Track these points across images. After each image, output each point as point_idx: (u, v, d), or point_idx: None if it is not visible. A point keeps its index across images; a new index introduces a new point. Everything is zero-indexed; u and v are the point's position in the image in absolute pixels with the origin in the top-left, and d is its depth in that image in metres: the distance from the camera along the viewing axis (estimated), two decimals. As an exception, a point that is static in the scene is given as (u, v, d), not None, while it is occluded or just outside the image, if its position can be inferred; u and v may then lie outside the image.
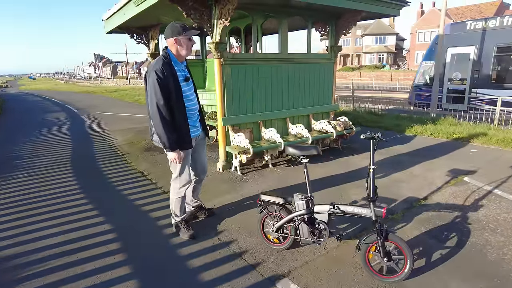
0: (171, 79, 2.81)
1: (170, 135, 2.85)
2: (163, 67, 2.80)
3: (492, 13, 33.50)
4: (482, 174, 4.96)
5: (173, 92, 2.84)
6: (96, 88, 38.97)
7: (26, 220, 3.73)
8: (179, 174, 3.17)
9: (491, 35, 10.68)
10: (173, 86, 2.83)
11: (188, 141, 3.02)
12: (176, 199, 3.28)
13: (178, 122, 2.91)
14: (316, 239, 2.81)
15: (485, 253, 2.94)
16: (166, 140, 2.85)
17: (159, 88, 2.76)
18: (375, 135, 2.56)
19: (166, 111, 2.81)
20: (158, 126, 2.83)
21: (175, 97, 2.85)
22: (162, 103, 2.79)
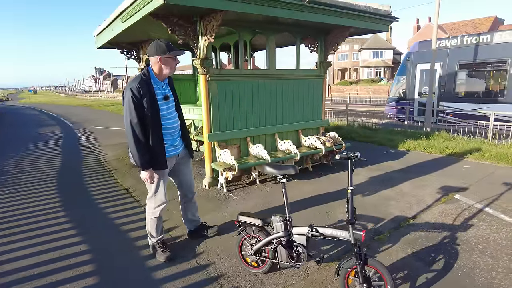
0: (147, 97, 2.74)
1: (142, 154, 2.78)
2: (140, 85, 2.73)
3: (486, 28, 33.96)
4: (474, 191, 4.86)
5: (149, 111, 2.76)
6: (94, 101, 39.11)
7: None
8: (153, 193, 3.08)
9: (454, 53, 11.55)
10: (149, 105, 2.75)
11: (162, 162, 2.93)
12: (151, 219, 3.17)
13: (153, 142, 2.83)
14: (294, 263, 2.68)
15: (472, 277, 2.81)
16: (138, 159, 2.80)
17: (133, 107, 2.70)
18: (352, 155, 2.47)
19: (139, 130, 2.75)
20: (131, 144, 2.78)
21: (151, 116, 2.78)
22: (136, 121, 2.72)
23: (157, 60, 2.80)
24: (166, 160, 2.97)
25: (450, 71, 11.67)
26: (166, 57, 2.80)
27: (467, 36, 11.34)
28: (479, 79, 11.61)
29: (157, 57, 2.79)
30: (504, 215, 4.00)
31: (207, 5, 3.87)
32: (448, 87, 11.75)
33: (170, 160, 3.08)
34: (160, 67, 2.83)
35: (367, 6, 5.39)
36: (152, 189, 3.06)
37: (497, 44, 10.50)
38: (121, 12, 4.82)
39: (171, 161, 3.09)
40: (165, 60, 2.81)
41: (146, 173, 2.87)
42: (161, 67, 2.84)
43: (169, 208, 4.45)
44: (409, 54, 13.14)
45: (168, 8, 3.96)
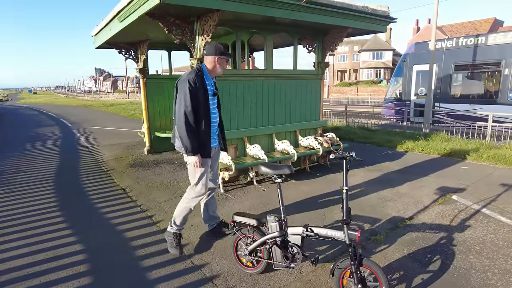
0: (201, 90, 2.98)
1: (192, 141, 2.96)
2: (196, 78, 2.97)
3: (486, 30, 33.98)
4: (471, 192, 4.84)
5: (202, 103, 2.99)
6: (94, 102, 39.08)
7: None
8: (196, 183, 3.18)
9: (449, 54, 11.60)
10: (202, 97, 2.99)
11: (208, 151, 3.12)
12: (184, 207, 3.27)
13: (202, 131, 3.04)
14: (289, 263, 2.67)
15: (468, 278, 2.79)
16: (189, 144, 2.95)
17: (189, 96, 2.91)
18: (347, 155, 2.46)
19: (192, 118, 2.94)
20: (182, 130, 2.93)
21: (203, 108, 3.01)
22: (190, 110, 2.92)
23: (214, 60, 3.05)
24: (211, 150, 3.16)
25: (446, 73, 11.71)
26: (222, 58, 3.07)
27: (463, 38, 11.39)
28: (474, 80, 11.65)
29: (215, 57, 3.04)
30: (501, 216, 3.98)
31: (203, 5, 3.86)
32: (444, 88, 11.80)
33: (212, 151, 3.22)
34: (215, 66, 3.08)
35: (364, 6, 5.38)
36: (197, 177, 3.16)
37: (491, 45, 10.54)
38: (118, 12, 4.81)
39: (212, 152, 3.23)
40: (221, 60, 3.08)
41: (195, 157, 3.01)
42: (215, 66, 3.09)
43: (165, 208, 4.47)
44: (405, 55, 13.17)
45: (165, 8, 3.94)
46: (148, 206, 4.55)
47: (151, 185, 5.43)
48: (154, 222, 4.04)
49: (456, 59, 11.45)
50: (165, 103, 7.86)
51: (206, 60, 3.10)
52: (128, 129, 12.43)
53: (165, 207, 4.49)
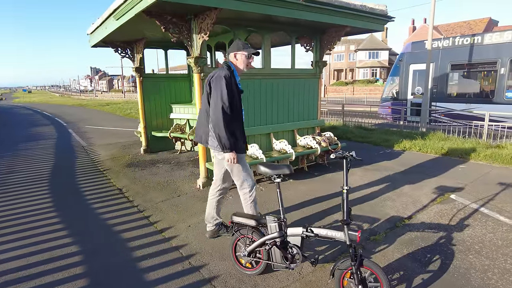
0: (234, 87, 3.00)
1: (229, 137, 2.96)
2: (230, 75, 2.98)
3: (481, 30, 34.17)
4: (469, 191, 4.85)
5: (236, 99, 3.01)
6: (90, 101, 38.84)
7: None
8: (243, 180, 3.20)
9: (446, 54, 11.65)
10: (236, 93, 3.01)
11: (242, 147, 3.15)
12: (251, 203, 3.26)
13: (236, 127, 3.06)
14: (288, 264, 2.64)
15: (468, 277, 2.78)
16: (226, 141, 2.94)
17: (226, 92, 2.89)
18: (347, 154, 2.43)
19: (229, 115, 2.94)
20: (220, 127, 2.92)
21: (236, 104, 3.02)
22: (227, 106, 2.92)
23: (233, 56, 3.08)
24: (244, 146, 3.20)
25: (442, 72, 11.75)
26: (239, 53, 3.06)
27: (459, 37, 11.45)
28: (470, 80, 11.70)
29: (232, 53, 3.08)
30: (500, 215, 3.98)
31: (201, 3, 3.81)
32: (440, 87, 11.85)
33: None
34: (236, 62, 3.10)
35: (363, 5, 5.36)
36: (241, 176, 3.18)
37: (487, 45, 10.59)
38: (114, 10, 4.75)
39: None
40: (239, 56, 3.07)
41: (232, 154, 3.01)
42: (236, 63, 3.10)
43: (162, 208, 4.42)
44: (402, 55, 13.21)
45: (161, 6, 3.89)
46: (145, 206, 4.50)
47: (148, 185, 5.38)
48: (151, 222, 3.99)
49: (452, 59, 11.50)
50: (161, 102, 7.80)
51: (230, 58, 3.13)
52: (124, 129, 12.35)
53: (162, 207, 4.44)
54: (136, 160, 7.10)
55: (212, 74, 3.05)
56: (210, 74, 3.08)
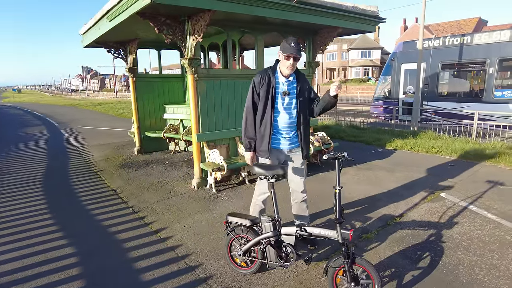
0: (264, 88, 2.92)
1: (245, 138, 3.05)
2: (261, 75, 2.96)
3: (471, 29, 34.62)
4: (458, 189, 4.96)
5: (263, 100, 2.94)
6: (81, 101, 38.46)
7: (-18, 245, 3.52)
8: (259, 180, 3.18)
9: (436, 53, 11.82)
10: (265, 94, 2.93)
11: (264, 150, 3.02)
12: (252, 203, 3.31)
13: (261, 128, 3.01)
14: (283, 263, 2.69)
15: (457, 273, 2.87)
16: (244, 139, 3.08)
17: (250, 94, 2.98)
18: (340, 155, 2.49)
19: (250, 116, 2.99)
20: (243, 125, 3.06)
21: (263, 105, 2.95)
22: (250, 105, 2.98)
23: (283, 57, 2.90)
24: (267, 150, 3.01)
25: (433, 71, 11.92)
26: (279, 52, 2.91)
27: (449, 37, 11.64)
28: (460, 79, 11.91)
29: (283, 54, 2.88)
30: (487, 213, 4.09)
31: (195, 5, 3.84)
32: (431, 86, 12.02)
33: (276, 152, 3.09)
34: (283, 63, 2.92)
35: (354, 6, 5.43)
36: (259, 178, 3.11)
37: (476, 45, 10.78)
38: (107, 11, 4.75)
39: (277, 153, 3.10)
40: (287, 57, 2.87)
41: (247, 154, 3.09)
42: (283, 63, 2.91)
43: (157, 209, 4.45)
44: (394, 54, 13.36)
45: (155, 7, 3.91)
46: (140, 207, 4.52)
47: (142, 186, 5.39)
48: (147, 223, 4.01)
49: (443, 58, 11.67)
50: (155, 102, 7.80)
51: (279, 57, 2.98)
52: (117, 129, 12.29)
53: (157, 208, 4.47)
54: (130, 161, 7.10)
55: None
56: None
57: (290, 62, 2.85)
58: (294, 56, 2.84)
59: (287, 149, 3.10)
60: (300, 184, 3.21)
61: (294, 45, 2.80)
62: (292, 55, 2.83)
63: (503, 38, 10.17)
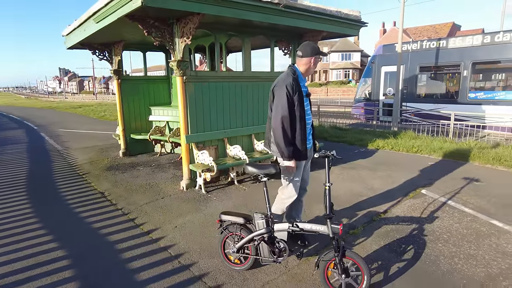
0: (297, 94, 2.97)
1: (289, 146, 2.96)
2: (293, 82, 2.96)
3: (445, 33, 35.98)
4: (438, 186, 5.20)
5: (299, 106, 2.98)
6: (60, 103, 37.41)
7: (-31, 250, 3.45)
8: (287, 185, 3.17)
9: (414, 56, 12.26)
10: (299, 101, 2.97)
11: (304, 153, 3.09)
12: (277, 208, 3.25)
13: (299, 134, 3.02)
14: (276, 258, 2.80)
15: (438, 263, 3.05)
16: (285, 150, 2.94)
17: (286, 102, 2.90)
18: (329, 153, 2.63)
19: (288, 124, 2.94)
20: (279, 136, 2.93)
21: (299, 111, 2.99)
22: (287, 115, 2.92)
23: (310, 61, 2.98)
24: (307, 152, 3.11)
25: (412, 74, 12.35)
26: (317, 57, 3.00)
27: (426, 41, 12.10)
28: (437, 81, 12.40)
29: (311, 58, 2.97)
30: (465, 207, 4.34)
31: (185, 8, 3.90)
32: (410, 88, 12.45)
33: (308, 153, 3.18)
34: (309, 67, 3.02)
35: (338, 11, 5.62)
36: (287, 181, 3.15)
37: (451, 49, 11.27)
38: (94, 13, 4.74)
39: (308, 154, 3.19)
40: (316, 60, 3.00)
41: (291, 162, 2.99)
42: (310, 67, 3.03)
43: (147, 211, 4.47)
44: (374, 57, 13.74)
45: (145, 10, 3.94)
46: (129, 209, 4.52)
47: (130, 188, 5.38)
48: (137, 224, 4.03)
49: (420, 61, 12.11)
50: (140, 104, 7.76)
51: (300, 62, 3.02)
52: (100, 132, 12.10)
53: (147, 210, 4.48)
54: (115, 163, 7.03)
55: (276, 82, 3.05)
56: (275, 81, 3.07)
57: (314, 64, 3.01)
58: (320, 58, 3.03)
59: (309, 147, 3.22)
60: (308, 181, 3.43)
61: (318, 48, 3.00)
62: (320, 57, 3.01)
63: (475, 42, 10.68)
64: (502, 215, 4.07)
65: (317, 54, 2.98)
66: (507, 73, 10.66)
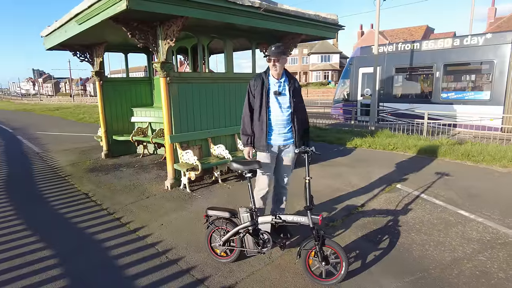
0: (258, 90, 3.23)
1: (244, 134, 3.39)
2: (255, 79, 3.27)
3: (420, 36, 37.27)
4: (412, 181, 5.51)
5: (258, 101, 3.24)
6: (35, 105, 36.32)
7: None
8: (258, 176, 3.40)
9: (390, 58, 12.71)
10: (258, 96, 3.23)
11: (261, 145, 3.29)
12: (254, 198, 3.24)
13: (256, 125, 3.31)
14: (260, 249, 2.96)
15: (411, 251, 3.29)
16: (242, 137, 3.44)
17: (247, 96, 3.34)
18: (309, 149, 2.81)
19: (247, 115, 3.32)
20: (241, 125, 3.40)
21: (258, 106, 3.24)
22: (245, 107, 3.34)
23: (270, 61, 3.16)
24: (265, 145, 3.27)
25: (388, 75, 12.82)
26: (269, 58, 3.15)
27: (401, 44, 12.60)
28: (412, 82, 12.93)
29: (269, 58, 3.15)
30: (436, 199, 4.64)
31: (170, 12, 4.01)
32: (387, 89, 12.91)
33: (272, 148, 3.32)
34: (270, 66, 3.20)
35: (316, 15, 5.85)
36: (258, 173, 3.38)
37: (425, 51, 11.80)
38: (76, 14, 4.76)
39: (273, 149, 3.33)
40: (269, 60, 3.16)
41: (245, 149, 3.46)
42: (270, 67, 3.19)
43: (132, 210, 4.53)
44: (352, 59, 14.16)
45: (130, 13, 4.01)
46: (115, 209, 4.57)
47: (114, 189, 5.41)
48: (124, 223, 4.09)
49: (396, 63, 12.57)
50: (122, 106, 7.76)
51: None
52: (80, 134, 11.92)
53: (132, 209, 4.54)
54: (98, 165, 7.01)
55: None
56: None
57: (278, 65, 3.16)
58: (277, 59, 3.13)
59: (282, 144, 3.35)
60: (285, 180, 3.50)
61: (274, 49, 3.12)
62: (277, 58, 3.13)
63: (446, 45, 11.23)
64: (468, 205, 4.39)
65: (269, 55, 3.13)
66: (476, 75, 11.27)
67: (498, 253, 3.22)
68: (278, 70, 3.19)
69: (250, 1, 4.70)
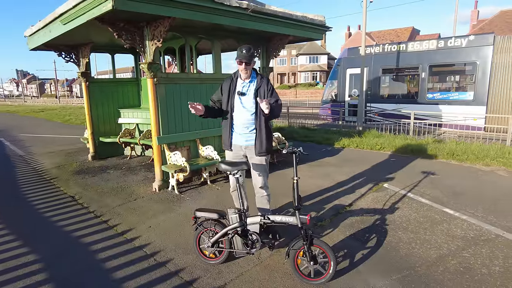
0: (225, 90, 3.35)
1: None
2: (225, 80, 3.40)
3: (406, 37, 37.89)
4: (399, 180, 5.59)
5: (224, 100, 3.37)
6: (19, 107, 35.53)
7: None
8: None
9: (377, 59, 12.90)
10: (227, 95, 3.33)
11: (225, 142, 3.44)
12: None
13: (223, 125, 3.47)
14: (249, 250, 2.96)
15: (398, 249, 3.34)
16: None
17: (216, 93, 3.51)
18: (296, 150, 2.83)
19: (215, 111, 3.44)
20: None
21: (224, 105, 3.38)
22: (211, 102, 3.52)
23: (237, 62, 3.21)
24: (228, 143, 3.39)
25: (375, 75, 12.99)
26: (237, 60, 3.19)
27: (388, 45, 12.79)
28: (398, 82, 13.14)
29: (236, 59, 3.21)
30: (422, 198, 4.72)
31: (157, 12, 3.98)
32: (374, 89, 13.08)
33: (236, 147, 3.40)
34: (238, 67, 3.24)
35: (303, 16, 5.89)
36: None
37: (411, 52, 12.01)
38: (61, 14, 4.68)
39: (237, 148, 3.39)
40: (237, 62, 3.20)
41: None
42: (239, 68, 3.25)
43: (120, 212, 4.48)
44: (339, 60, 14.29)
45: (115, 13, 3.96)
46: (102, 211, 4.51)
47: (102, 191, 5.33)
48: (111, 226, 4.04)
49: (383, 64, 12.75)
50: (109, 107, 7.65)
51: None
52: (66, 136, 11.70)
53: (120, 211, 4.49)
54: (84, 167, 6.90)
55: None
56: None
57: (242, 67, 3.19)
58: (242, 61, 3.16)
59: (244, 145, 3.35)
60: (259, 180, 3.38)
61: (244, 52, 3.14)
62: (241, 60, 3.15)
63: (431, 47, 11.45)
64: (453, 203, 4.48)
65: (236, 57, 3.20)
66: (460, 75, 11.52)
67: (481, 249, 3.29)
68: (246, 71, 3.24)
69: (237, 2, 4.70)
